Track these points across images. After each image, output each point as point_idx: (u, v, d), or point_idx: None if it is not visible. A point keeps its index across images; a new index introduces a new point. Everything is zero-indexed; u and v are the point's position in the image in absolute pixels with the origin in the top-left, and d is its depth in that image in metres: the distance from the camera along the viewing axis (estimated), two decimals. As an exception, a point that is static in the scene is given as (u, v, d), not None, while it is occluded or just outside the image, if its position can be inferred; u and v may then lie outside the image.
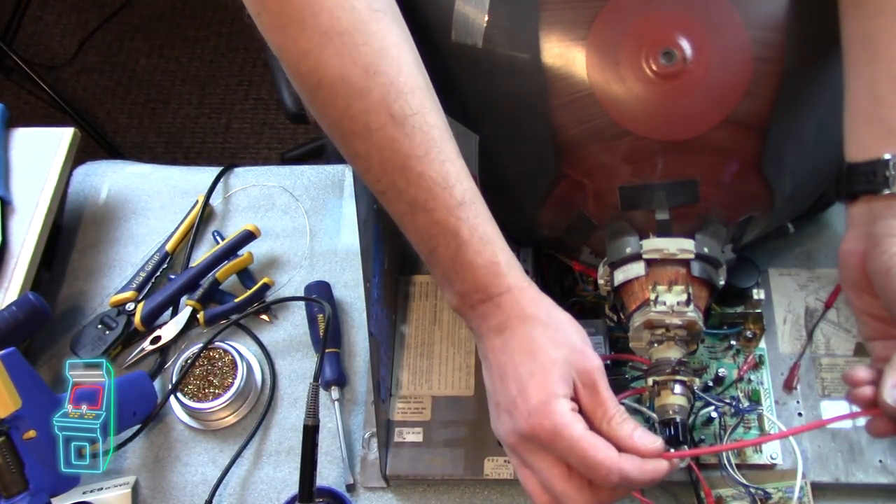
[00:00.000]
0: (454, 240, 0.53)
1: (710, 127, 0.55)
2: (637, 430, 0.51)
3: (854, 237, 0.52)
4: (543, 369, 0.51)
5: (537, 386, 0.50)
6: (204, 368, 0.70)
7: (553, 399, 0.50)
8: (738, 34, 0.54)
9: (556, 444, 0.49)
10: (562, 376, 0.51)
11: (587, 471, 0.49)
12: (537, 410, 0.49)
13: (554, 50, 0.55)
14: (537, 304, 0.53)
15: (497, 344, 0.53)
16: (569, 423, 0.49)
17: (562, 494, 0.50)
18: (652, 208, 0.57)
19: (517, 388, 0.51)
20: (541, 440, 0.50)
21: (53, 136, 0.80)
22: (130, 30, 1.93)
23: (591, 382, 0.51)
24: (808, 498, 0.61)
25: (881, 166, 0.50)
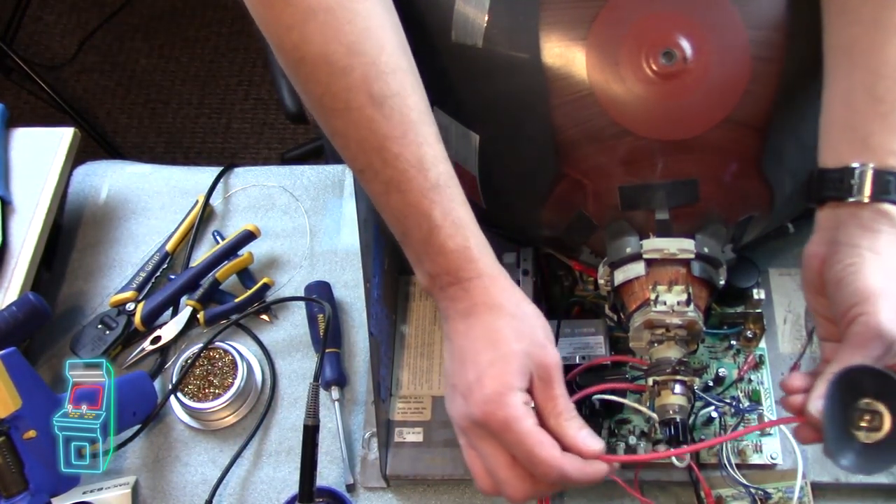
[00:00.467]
0: (426, 222, 0.53)
1: (709, 126, 0.55)
2: (583, 430, 0.52)
3: (818, 240, 0.53)
4: (503, 359, 0.51)
5: (495, 376, 0.51)
6: (204, 368, 0.70)
7: (508, 391, 0.51)
8: (737, 34, 0.54)
9: (504, 434, 0.50)
10: (520, 369, 0.51)
11: (530, 465, 0.50)
12: (491, 400, 0.50)
13: (554, 50, 0.55)
14: (506, 294, 0.54)
15: (461, 328, 0.54)
16: (519, 416, 0.50)
17: (503, 482, 0.52)
18: (652, 208, 0.57)
19: (475, 374, 0.52)
20: (491, 428, 0.51)
21: (53, 136, 0.80)
22: (130, 30, 1.93)
23: (548, 377, 0.52)
24: (808, 498, 0.61)
25: (848, 174, 0.51)
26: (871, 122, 0.51)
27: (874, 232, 0.50)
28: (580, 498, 0.65)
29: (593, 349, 0.65)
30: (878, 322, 0.47)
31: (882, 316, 0.47)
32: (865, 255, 0.49)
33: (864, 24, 0.52)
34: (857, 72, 0.52)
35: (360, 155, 0.54)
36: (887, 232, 0.50)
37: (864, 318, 0.48)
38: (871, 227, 0.50)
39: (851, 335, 0.48)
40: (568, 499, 0.65)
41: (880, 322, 0.47)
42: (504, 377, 0.51)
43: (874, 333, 0.47)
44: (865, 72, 0.51)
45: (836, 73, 0.53)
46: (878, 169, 0.50)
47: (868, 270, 0.49)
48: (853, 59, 0.52)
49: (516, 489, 0.52)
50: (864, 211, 0.50)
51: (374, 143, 0.53)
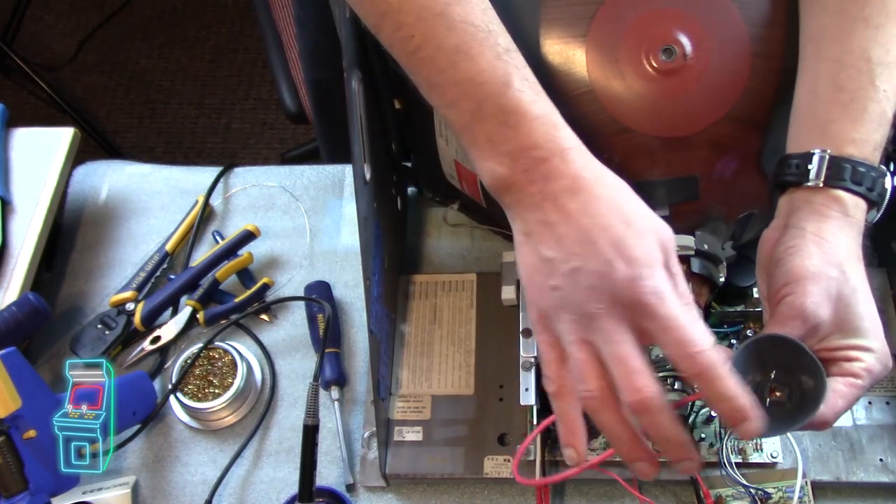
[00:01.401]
0: (506, 87, 0.48)
1: (709, 123, 0.55)
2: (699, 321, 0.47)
3: (774, 225, 0.53)
4: (641, 234, 0.47)
5: (643, 250, 0.46)
6: (204, 368, 0.70)
7: (657, 265, 0.47)
8: (737, 31, 0.54)
9: (657, 310, 0.46)
10: (656, 243, 0.47)
11: (678, 346, 0.45)
12: (642, 275, 0.46)
13: (554, 47, 0.55)
14: (602, 168, 0.49)
15: (573, 206, 0.48)
16: (672, 293, 0.46)
17: (638, 370, 0.46)
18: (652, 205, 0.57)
19: (615, 250, 0.46)
20: (640, 305, 0.46)
21: (53, 136, 0.80)
22: (130, 30, 1.93)
23: (670, 251, 0.48)
24: (808, 497, 0.61)
25: (806, 160, 0.51)
26: (832, 110, 0.51)
27: (823, 217, 0.51)
28: (580, 497, 0.65)
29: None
30: (801, 303, 0.48)
31: (807, 298, 0.48)
32: (808, 237, 0.50)
33: (831, 13, 0.52)
34: (823, 61, 0.52)
35: (419, 26, 0.49)
36: (836, 218, 0.51)
37: (790, 297, 0.49)
38: (821, 211, 0.51)
39: (776, 313, 0.49)
40: (568, 498, 0.65)
41: (804, 303, 0.48)
42: (650, 251, 0.47)
43: (797, 313, 0.48)
44: (830, 61, 0.52)
45: (806, 62, 0.54)
46: (835, 155, 0.51)
47: (806, 253, 0.49)
48: (820, 48, 0.53)
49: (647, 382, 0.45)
50: (818, 196, 0.51)
51: (436, 9, 0.49)
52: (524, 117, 0.48)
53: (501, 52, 0.49)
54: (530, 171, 0.48)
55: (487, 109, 0.49)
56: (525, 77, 0.49)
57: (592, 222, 0.47)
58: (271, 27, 1.25)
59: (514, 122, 0.48)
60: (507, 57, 0.49)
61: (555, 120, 0.49)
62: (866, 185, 0.51)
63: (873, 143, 0.51)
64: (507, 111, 0.48)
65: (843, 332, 0.50)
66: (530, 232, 0.49)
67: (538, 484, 0.50)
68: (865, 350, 0.49)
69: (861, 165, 0.51)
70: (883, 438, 0.63)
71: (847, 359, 0.49)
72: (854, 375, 0.49)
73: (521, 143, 0.48)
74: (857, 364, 0.49)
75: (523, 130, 0.48)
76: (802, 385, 0.48)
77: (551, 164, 0.48)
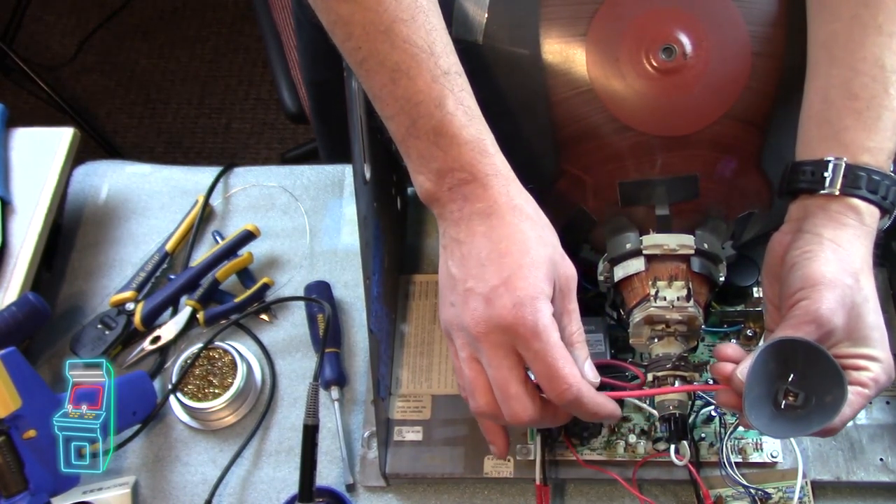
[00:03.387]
0: (438, 109, 0.50)
1: (709, 122, 0.55)
2: (588, 360, 0.52)
3: (785, 230, 0.54)
4: (533, 265, 0.49)
5: (527, 279, 0.49)
6: (204, 368, 0.70)
7: (540, 296, 0.49)
8: (737, 30, 0.54)
9: (531, 342, 0.48)
10: (548, 275, 0.50)
11: (548, 380, 0.49)
12: (524, 304, 0.48)
13: (554, 46, 0.55)
14: (524, 196, 0.52)
15: (480, 228, 0.51)
16: (549, 326, 0.48)
17: (512, 397, 0.50)
18: (652, 204, 0.57)
19: (501, 277, 0.49)
20: (516, 334, 0.48)
21: (53, 136, 0.80)
22: (130, 30, 1.93)
23: (567, 289, 0.51)
24: (808, 497, 0.61)
25: (821, 167, 0.51)
26: (845, 117, 0.51)
27: (840, 224, 0.51)
28: (580, 497, 0.65)
29: (593, 347, 0.65)
30: (817, 308, 0.48)
31: (823, 304, 0.48)
32: (825, 244, 0.50)
33: (844, 20, 0.52)
34: (836, 68, 0.52)
35: (365, 41, 0.51)
36: (853, 226, 0.51)
37: (805, 302, 0.49)
38: (837, 219, 0.51)
39: (790, 317, 0.50)
40: (568, 497, 0.65)
41: (820, 309, 0.48)
42: (537, 282, 0.49)
43: (811, 318, 0.48)
44: (843, 68, 0.52)
45: (816, 68, 0.54)
46: (851, 164, 0.51)
47: (823, 258, 0.50)
48: (832, 54, 0.53)
49: (524, 407, 0.50)
50: (833, 203, 0.51)
51: (381, 26, 0.50)
52: (454, 140, 0.50)
53: (439, 75, 0.50)
54: (453, 190, 0.51)
55: (421, 128, 0.51)
56: (460, 101, 0.51)
57: (492, 247, 0.50)
58: (271, 27, 1.25)
59: (444, 143, 0.50)
60: (444, 80, 0.50)
61: (483, 146, 0.51)
62: (881, 193, 0.51)
63: (887, 151, 0.51)
64: (438, 132, 0.50)
65: (853, 340, 0.50)
66: (445, 245, 0.53)
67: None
68: (873, 360, 0.50)
69: (876, 174, 0.51)
70: (883, 438, 0.63)
71: (855, 367, 0.50)
72: (861, 384, 0.50)
73: (448, 164, 0.51)
74: (865, 373, 0.50)
75: (451, 153, 0.50)
76: (819, 390, 0.49)
77: (472, 187, 0.51)
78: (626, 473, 0.62)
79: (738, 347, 0.52)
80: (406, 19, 0.50)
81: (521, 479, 0.64)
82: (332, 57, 0.57)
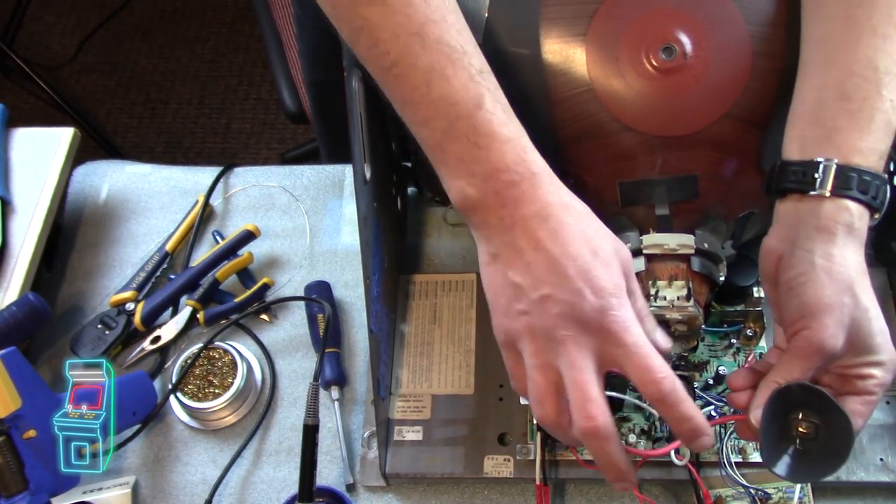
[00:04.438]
0: (477, 108, 0.49)
1: (709, 122, 0.55)
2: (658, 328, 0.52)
3: (777, 235, 0.53)
4: (606, 262, 0.49)
5: (606, 279, 0.48)
6: (204, 368, 0.70)
7: (622, 293, 0.49)
8: (737, 29, 0.54)
9: (621, 338, 0.48)
10: (620, 269, 0.50)
11: (642, 373, 0.48)
12: (610, 303, 0.48)
13: (554, 46, 0.55)
14: (569, 192, 0.51)
15: (542, 233, 0.49)
16: (634, 320, 0.49)
17: (593, 400, 0.48)
18: (652, 204, 0.57)
19: (584, 280, 0.48)
20: (607, 333, 0.48)
21: (53, 136, 0.80)
22: (130, 30, 1.93)
23: (629, 271, 0.51)
24: (808, 498, 0.61)
25: (812, 167, 0.51)
26: (838, 118, 0.51)
27: (829, 234, 0.50)
28: (580, 497, 0.65)
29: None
30: (820, 339, 0.49)
31: (825, 333, 0.48)
32: (817, 263, 0.49)
33: (838, 20, 0.52)
34: (829, 68, 0.52)
35: (395, 45, 0.49)
36: (842, 234, 0.50)
37: (807, 332, 0.49)
38: (827, 227, 0.50)
39: (794, 347, 0.50)
40: (568, 497, 0.65)
41: (822, 339, 0.49)
42: (614, 279, 0.49)
43: (815, 349, 0.49)
44: (836, 68, 0.51)
45: (809, 68, 0.53)
46: (842, 165, 0.50)
47: (818, 283, 0.49)
48: (826, 55, 0.52)
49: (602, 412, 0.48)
50: (824, 206, 0.50)
51: (412, 28, 0.49)
52: (495, 139, 0.49)
53: (475, 73, 0.50)
54: (500, 193, 0.49)
55: (459, 129, 0.49)
56: (497, 99, 0.50)
57: (562, 251, 0.49)
58: (271, 27, 1.25)
59: (485, 143, 0.49)
60: (479, 78, 0.50)
61: (524, 143, 0.50)
62: (871, 193, 0.50)
63: (879, 152, 0.51)
64: (479, 132, 0.49)
65: (856, 352, 0.50)
66: (498, 254, 0.51)
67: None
68: (877, 365, 0.50)
69: (867, 174, 0.50)
70: (883, 438, 0.63)
71: (860, 377, 0.50)
72: (868, 393, 0.50)
73: (492, 166, 0.49)
74: (870, 381, 0.50)
75: (494, 152, 0.49)
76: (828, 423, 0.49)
77: (520, 189, 0.49)
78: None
79: (748, 372, 0.53)
80: (437, 20, 0.50)
81: (520, 479, 0.64)
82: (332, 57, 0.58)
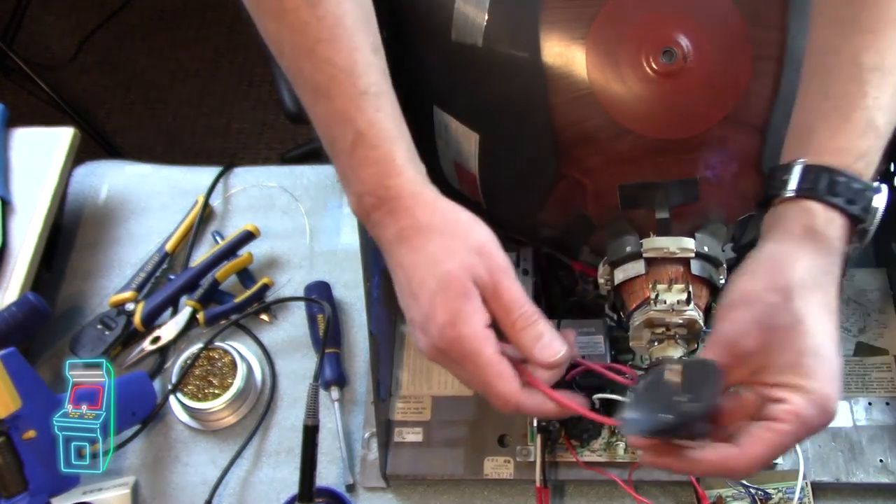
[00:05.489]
0: (351, 131, 0.50)
1: (709, 125, 0.55)
2: (541, 339, 0.49)
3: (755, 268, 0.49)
4: (443, 286, 0.48)
5: (442, 305, 0.48)
6: (204, 368, 0.70)
7: (458, 318, 0.47)
8: (737, 32, 0.54)
9: (464, 365, 0.48)
10: (462, 289, 0.48)
11: (488, 397, 0.49)
12: (446, 332, 0.47)
13: (554, 49, 0.55)
14: (432, 210, 0.50)
15: (399, 258, 0.50)
16: (476, 348, 0.47)
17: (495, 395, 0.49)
18: (652, 207, 0.57)
19: (426, 306, 0.48)
20: (452, 359, 0.49)
21: (53, 136, 0.80)
22: (130, 30, 1.93)
23: (494, 286, 0.48)
24: (808, 498, 0.61)
25: (783, 171, 0.49)
26: (815, 119, 0.50)
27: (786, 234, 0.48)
28: (580, 498, 0.65)
29: (593, 349, 0.65)
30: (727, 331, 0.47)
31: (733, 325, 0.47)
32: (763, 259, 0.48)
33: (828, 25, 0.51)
34: (816, 72, 0.51)
35: (293, 60, 0.51)
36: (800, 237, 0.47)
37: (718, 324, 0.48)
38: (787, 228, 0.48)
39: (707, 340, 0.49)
40: (568, 498, 0.65)
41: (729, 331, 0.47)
42: (450, 304, 0.48)
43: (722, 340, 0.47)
44: (822, 72, 0.50)
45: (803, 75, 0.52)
46: (809, 165, 0.48)
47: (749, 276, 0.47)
48: (816, 60, 0.51)
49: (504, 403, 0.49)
50: (790, 209, 0.48)
51: (305, 47, 0.50)
52: (362, 162, 0.50)
53: (356, 95, 0.50)
54: (370, 213, 0.51)
55: (338, 149, 0.51)
56: (373, 122, 0.50)
57: (409, 277, 0.49)
58: (271, 27, 1.24)
59: (355, 165, 0.50)
60: (360, 100, 0.50)
61: (388, 169, 0.50)
62: (844, 196, 0.47)
63: (857, 152, 0.48)
64: (350, 154, 0.50)
65: (778, 367, 0.45)
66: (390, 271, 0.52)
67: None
68: (797, 389, 0.44)
69: (841, 176, 0.47)
70: (883, 439, 0.63)
71: (772, 398, 0.45)
72: (775, 419, 0.44)
73: (360, 188, 0.51)
74: (781, 407, 0.44)
75: (361, 175, 0.50)
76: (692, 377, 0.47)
77: (380, 214, 0.50)
78: (625, 475, 0.62)
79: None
80: (328, 39, 0.50)
81: (520, 481, 0.64)
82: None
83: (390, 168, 0.50)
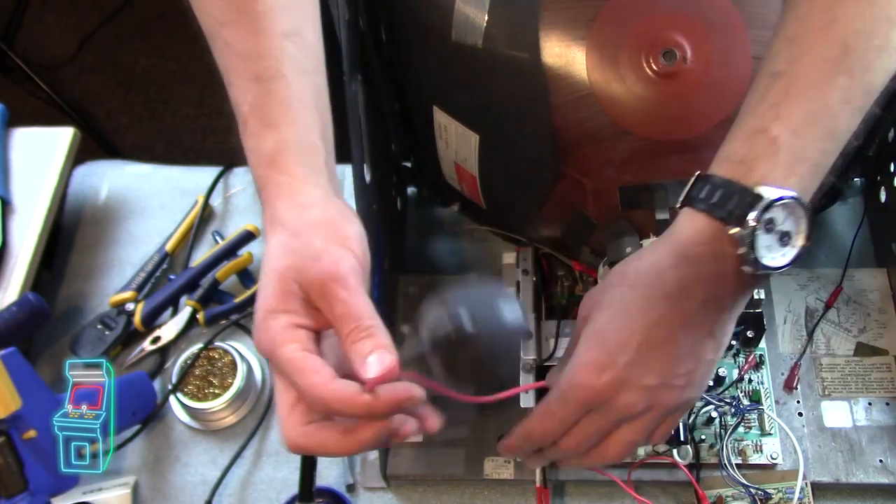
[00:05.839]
0: (241, 117, 0.49)
1: (710, 126, 0.55)
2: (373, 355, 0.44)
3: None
4: (266, 283, 0.46)
5: (260, 301, 0.45)
6: (204, 368, 0.70)
7: (268, 316, 0.45)
8: (738, 34, 0.54)
9: (272, 362, 0.45)
10: (281, 289, 0.45)
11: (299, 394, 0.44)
12: (258, 327, 0.45)
13: (554, 49, 0.55)
14: (288, 204, 0.47)
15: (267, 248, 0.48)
16: (279, 341, 0.44)
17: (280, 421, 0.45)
18: (652, 208, 0.57)
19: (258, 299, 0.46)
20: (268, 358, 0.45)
21: (53, 136, 0.80)
22: (130, 30, 1.93)
23: (326, 294, 0.44)
24: (808, 498, 0.61)
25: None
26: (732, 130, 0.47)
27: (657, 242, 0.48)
28: (580, 498, 0.65)
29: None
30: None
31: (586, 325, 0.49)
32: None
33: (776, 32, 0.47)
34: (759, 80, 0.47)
35: (211, 43, 0.51)
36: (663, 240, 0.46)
37: None
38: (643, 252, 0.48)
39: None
40: (568, 498, 0.65)
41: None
42: (265, 301, 0.45)
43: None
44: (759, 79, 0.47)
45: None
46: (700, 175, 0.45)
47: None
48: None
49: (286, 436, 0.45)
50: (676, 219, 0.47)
51: (213, 29, 0.50)
52: (247, 149, 0.49)
53: (250, 79, 0.48)
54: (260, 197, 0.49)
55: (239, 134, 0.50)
56: (260, 107, 0.48)
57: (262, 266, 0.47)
58: (271, 27, 1.24)
59: (249, 149, 0.49)
60: (252, 86, 0.48)
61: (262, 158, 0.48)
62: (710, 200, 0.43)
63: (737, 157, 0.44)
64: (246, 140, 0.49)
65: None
66: None
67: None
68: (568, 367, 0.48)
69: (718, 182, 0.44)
70: (883, 439, 0.63)
71: None
72: None
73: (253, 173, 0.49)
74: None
75: (251, 160, 0.49)
76: None
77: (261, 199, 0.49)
78: (625, 475, 0.62)
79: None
80: (231, 22, 0.49)
81: (521, 481, 0.64)
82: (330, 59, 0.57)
83: (262, 158, 0.48)
